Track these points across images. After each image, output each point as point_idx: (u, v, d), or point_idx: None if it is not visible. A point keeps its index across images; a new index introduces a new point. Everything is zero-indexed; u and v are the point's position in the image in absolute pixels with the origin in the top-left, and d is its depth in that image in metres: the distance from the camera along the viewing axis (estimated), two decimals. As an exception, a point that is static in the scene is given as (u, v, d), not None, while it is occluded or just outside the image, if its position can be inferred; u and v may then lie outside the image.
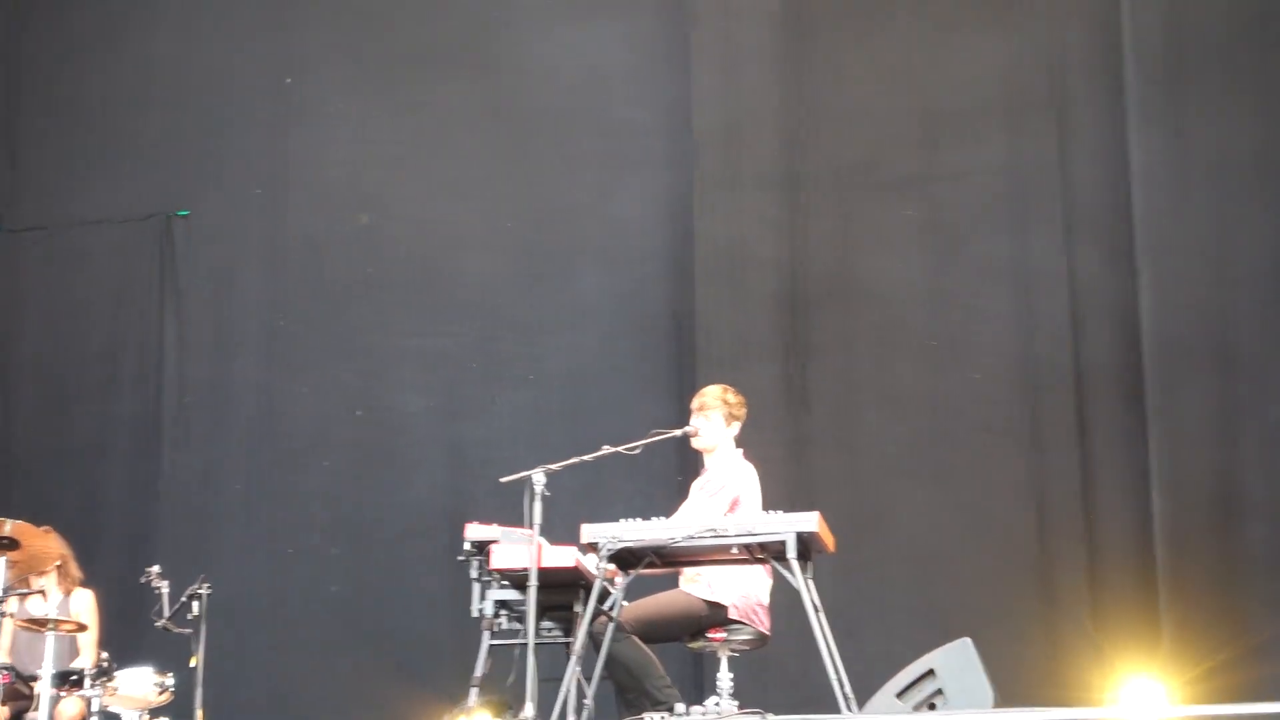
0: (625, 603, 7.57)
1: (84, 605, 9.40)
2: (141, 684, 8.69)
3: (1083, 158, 10.56)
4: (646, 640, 7.61)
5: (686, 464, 9.81)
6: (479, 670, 7.78)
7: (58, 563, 9.27)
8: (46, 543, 8.80)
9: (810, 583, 7.25)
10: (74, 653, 9.27)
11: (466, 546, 7.87)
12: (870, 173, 10.94)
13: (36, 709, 8.40)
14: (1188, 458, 9.73)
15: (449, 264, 11.80)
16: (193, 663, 8.54)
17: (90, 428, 12.09)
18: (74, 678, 8.62)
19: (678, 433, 8.08)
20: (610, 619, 7.42)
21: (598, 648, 7.44)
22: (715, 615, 7.69)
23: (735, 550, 7.33)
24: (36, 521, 8.90)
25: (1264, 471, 9.64)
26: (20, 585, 8.90)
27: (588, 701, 7.45)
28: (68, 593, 9.41)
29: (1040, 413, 10.32)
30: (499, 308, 11.65)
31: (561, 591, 7.69)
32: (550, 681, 7.43)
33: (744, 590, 7.71)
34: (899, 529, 10.36)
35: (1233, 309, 9.86)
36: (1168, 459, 9.73)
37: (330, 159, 12.08)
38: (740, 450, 8.06)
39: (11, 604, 8.75)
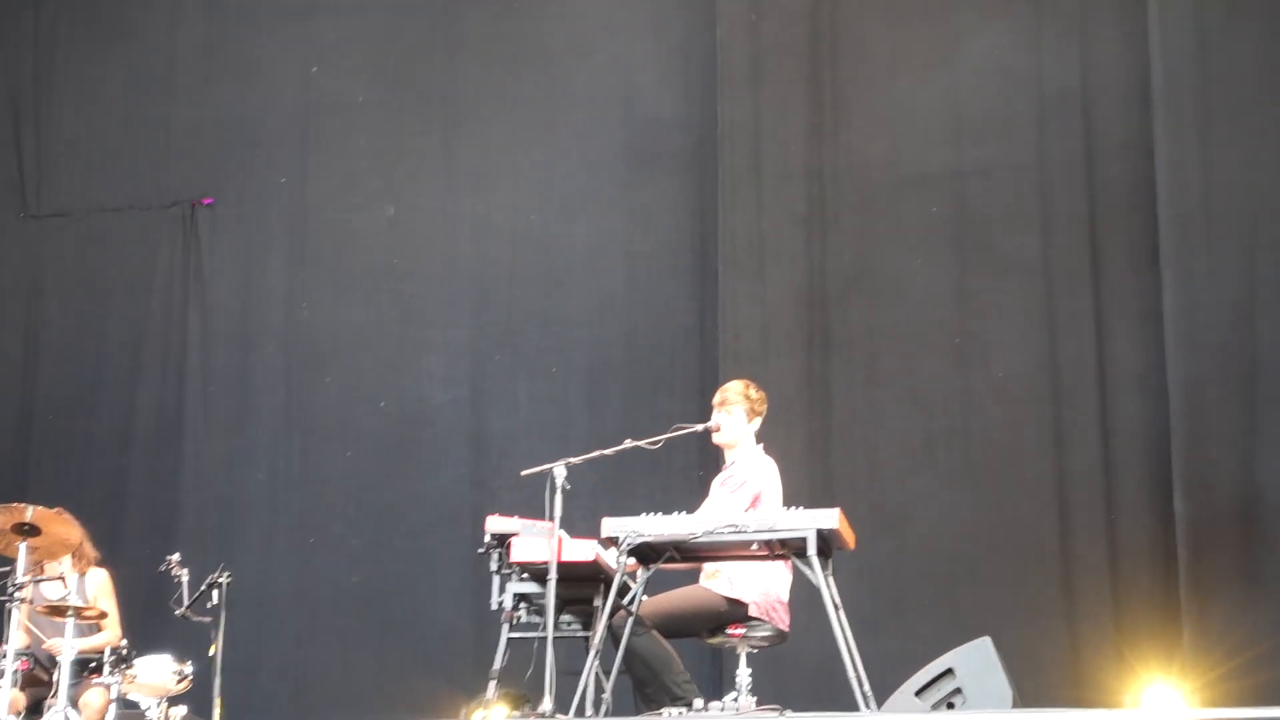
0: (645, 597, 7.56)
1: (99, 585, 9.40)
2: (160, 672, 8.72)
3: (1109, 157, 10.52)
4: (666, 635, 7.60)
5: (708, 459, 9.82)
6: (498, 663, 7.79)
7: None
8: (66, 528, 8.82)
9: (830, 580, 7.25)
10: (93, 630, 9.26)
11: (487, 539, 7.89)
12: (895, 168, 10.91)
13: (55, 695, 8.42)
14: (1211, 460, 9.69)
15: (473, 256, 11.80)
16: (211, 651, 8.55)
17: (114, 415, 12.13)
18: (93, 664, 8.64)
19: (699, 428, 8.07)
20: (630, 613, 7.41)
21: (617, 642, 7.44)
22: (735, 612, 7.68)
23: (756, 546, 7.31)
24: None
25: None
26: (37, 571, 8.93)
27: (606, 695, 7.47)
28: (82, 573, 9.41)
29: (1063, 412, 10.29)
30: (523, 300, 11.65)
31: (581, 585, 7.71)
32: (569, 675, 7.43)
33: (764, 587, 7.69)
34: (920, 527, 10.34)
35: (1258, 309, 9.81)
36: (1191, 461, 9.69)
37: (355, 149, 12.10)
38: (761, 445, 8.05)
39: (28, 588, 8.80)
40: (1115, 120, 10.55)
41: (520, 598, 7.88)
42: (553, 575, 7.38)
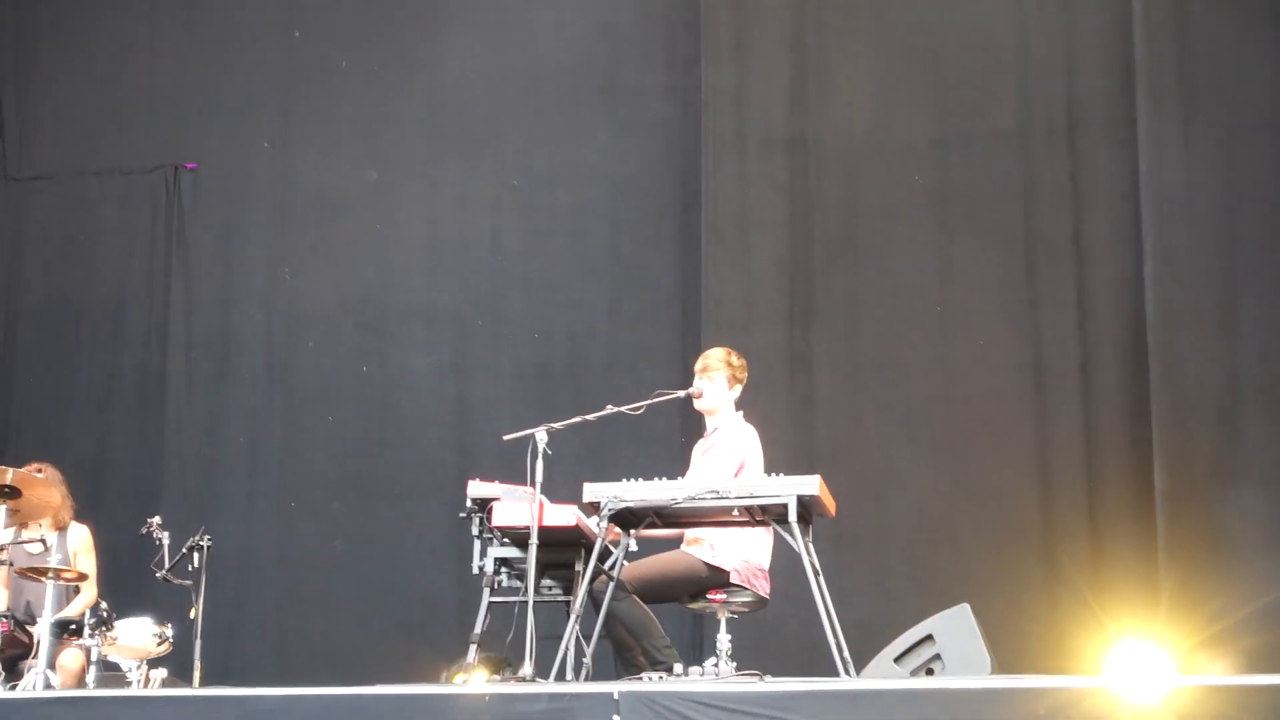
0: (625, 562, 7.58)
1: (80, 541, 9.37)
2: (140, 634, 8.71)
3: (1092, 127, 10.56)
4: (646, 600, 7.63)
5: (689, 425, 9.84)
6: (478, 627, 7.81)
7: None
8: (46, 490, 8.81)
9: (810, 546, 7.27)
10: (73, 591, 9.25)
11: (468, 503, 7.89)
12: (879, 138, 10.92)
13: (34, 656, 8.42)
14: (1190, 429, 9.72)
15: (456, 222, 11.80)
16: (192, 614, 8.56)
17: (96, 379, 12.12)
18: (73, 626, 8.63)
19: (681, 394, 8.08)
20: (610, 578, 7.44)
21: (597, 607, 7.46)
22: (716, 578, 7.69)
23: (736, 512, 7.33)
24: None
25: (1264, 444, 9.63)
26: (19, 531, 8.94)
27: (586, 660, 7.49)
28: (62, 528, 9.36)
29: (1043, 381, 10.33)
30: (506, 266, 11.66)
31: (562, 550, 7.73)
32: (549, 639, 7.46)
33: (745, 555, 7.71)
34: (901, 494, 10.38)
35: (1238, 280, 9.84)
36: (1170, 430, 9.72)
37: (338, 114, 12.08)
38: (740, 413, 8.07)
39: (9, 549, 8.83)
40: (1098, 91, 10.58)
41: (501, 562, 7.90)
42: (534, 540, 7.40)
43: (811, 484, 7.20)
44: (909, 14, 10.99)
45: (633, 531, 7.52)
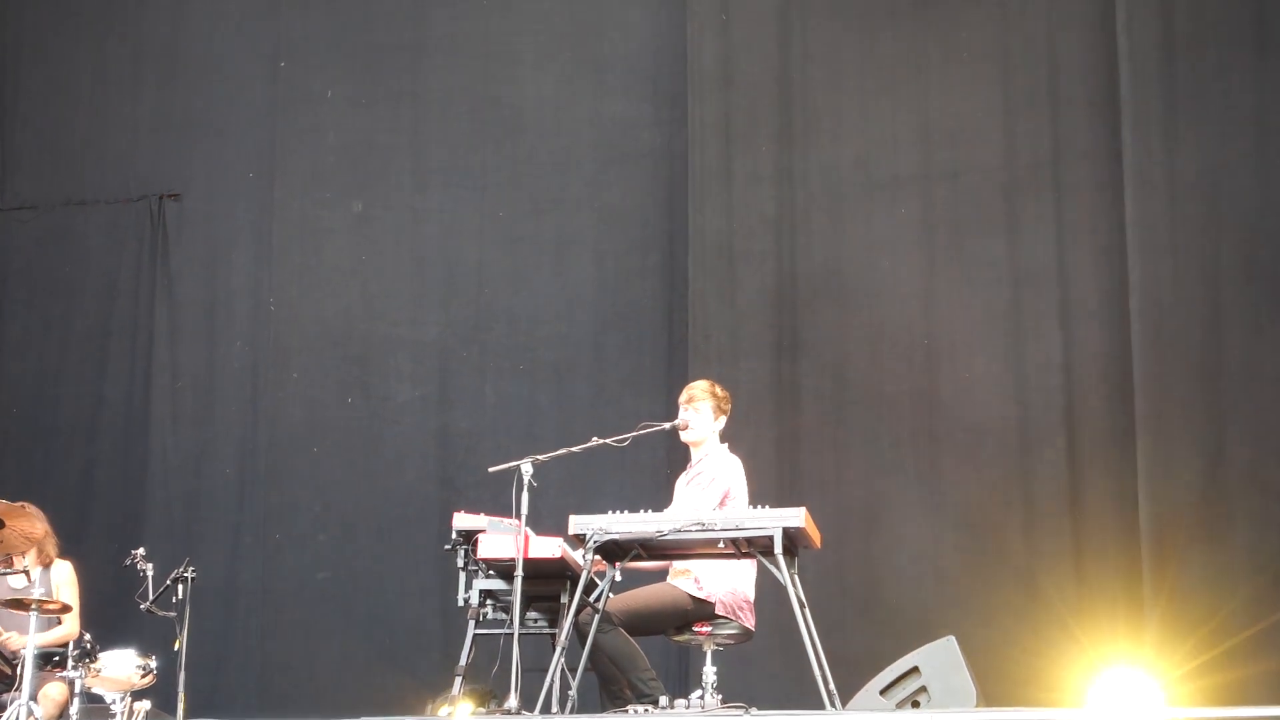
0: (611, 594, 7.56)
1: (64, 577, 9.33)
2: (124, 666, 8.66)
3: (1075, 158, 10.56)
4: (632, 632, 7.60)
5: (675, 457, 9.83)
6: (464, 659, 7.79)
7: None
8: (29, 522, 8.77)
9: (796, 578, 7.26)
10: (55, 622, 9.18)
11: (453, 535, 7.89)
12: (864, 170, 10.93)
13: (17, 689, 8.36)
14: (1175, 459, 9.73)
15: (441, 253, 11.78)
16: (176, 646, 8.52)
17: (80, 410, 12.07)
18: (56, 658, 8.58)
19: (667, 425, 8.09)
20: (596, 610, 7.42)
21: (583, 639, 7.44)
22: (701, 610, 7.69)
23: (722, 544, 7.32)
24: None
25: (1248, 473, 9.63)
26: (5, 564, 8.89)
27: (572, 693, 7.46)
28: (46, 565, 9.33)
29: (1029, 413, 10.32)
30: (490, 298, 11.64)
31: (547, 582, 7.72)
32: (535, 672, 7.44)
33: (731, 586, 7.71)
34: (886, 526, 10.36)
35: (1222, 311, 9.86)
36: (1155, 461, 9.72)
37: (323, 144, 12.07)
38: (725, 444, 8.06)
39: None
40: (1081, 124, 10.58)
41: (486, 594, 7.89)
42: (519, 572, 7.39)
43: (797, 516, 7.20)
44: (894, 48, 11.01)
45: (618, 564, 7.50)
